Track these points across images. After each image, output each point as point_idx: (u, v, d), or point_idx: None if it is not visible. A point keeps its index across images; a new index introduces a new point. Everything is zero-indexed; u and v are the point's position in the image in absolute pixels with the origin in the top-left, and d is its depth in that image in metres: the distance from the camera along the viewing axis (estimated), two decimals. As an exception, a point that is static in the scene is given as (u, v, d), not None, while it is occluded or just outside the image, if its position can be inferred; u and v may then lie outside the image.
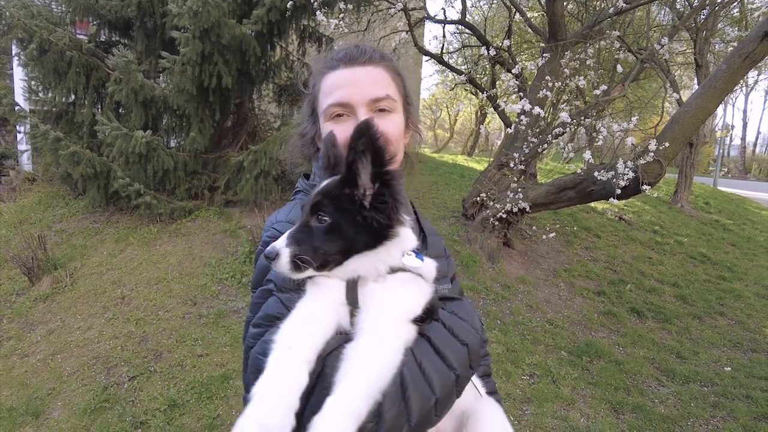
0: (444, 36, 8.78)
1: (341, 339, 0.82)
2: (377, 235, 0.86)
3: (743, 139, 50.77)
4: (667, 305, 5.82)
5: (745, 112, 50.00)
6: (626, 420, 3.61)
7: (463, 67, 11.48)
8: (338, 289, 0.87)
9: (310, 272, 0.84)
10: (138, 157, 5.43)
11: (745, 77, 5.48)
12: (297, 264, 0.82)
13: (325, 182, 0.91)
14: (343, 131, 1.06)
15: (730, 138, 46.20)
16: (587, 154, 4.23)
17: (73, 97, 6.64)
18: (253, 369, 0.86)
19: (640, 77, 7.40)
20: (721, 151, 29.45)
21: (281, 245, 0.83)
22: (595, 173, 4.13)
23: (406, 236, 0.89)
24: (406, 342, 0.81)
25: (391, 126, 1.09)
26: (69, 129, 6.54)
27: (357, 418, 0.70)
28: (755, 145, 57.50)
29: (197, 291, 4.71)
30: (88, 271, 5.14)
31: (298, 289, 0.90)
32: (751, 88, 39.37)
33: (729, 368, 4.51)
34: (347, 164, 0.86)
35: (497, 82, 10.65)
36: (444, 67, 11.33)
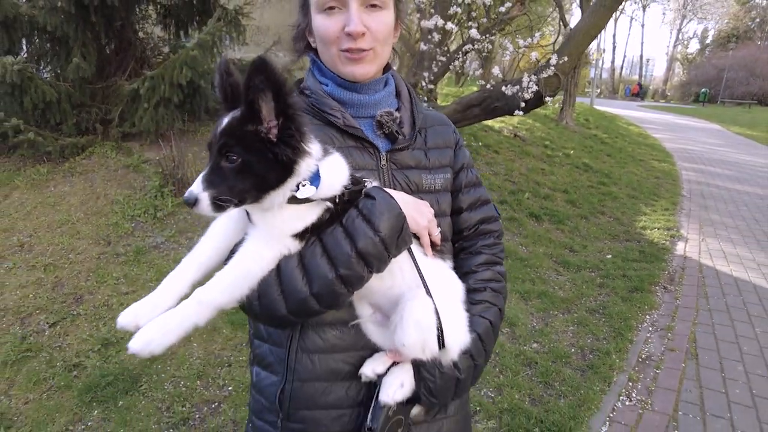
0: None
1: None
2: (287, 168, 0.87)
3: (612, 62, 55.58)
4: (559, 209, 6.59)
5: (614, 37, 54.29)
6: (533, 304, 4.19)
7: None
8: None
9: (231, 209, 0.87)
10: (10, 88, 4.72)
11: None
12: (218, 204, 0.84)
13: (225, 121, 0.87)
14: (333, 24, 1.05)
15: (602, 61, 50.43)
16: (496, 70, 4.48)
17: None
18: None
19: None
20: (596, 73, 32.12)
21: (198, 190, 0.84)
22: (503, 88, 4.43)
23: (306, 167, 0.90)
24: (286, 249, 0.93)
25: (380, 23, 1.07)
26: None
27: (214, 309, 0.89)
28: (621, 68, 63.35)
29: (109, 230, 4.42)
30: (-33, 221, 4.56)
31: None
32: (620, 15, 42.72)
33: (610, 255, 5.33)
34: (247, 102, 0.84)
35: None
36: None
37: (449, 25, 4.27)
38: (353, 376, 1.05)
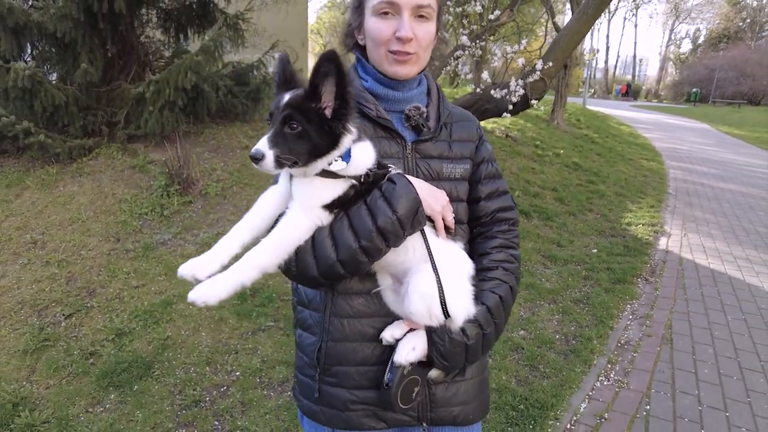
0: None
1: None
2: (334, 141, 1.05)
3: (606, 62, 56.06)
4: (548, 206, 6.84)
5: (607, 37, 54.84)
6: (521, 295, 4.43)
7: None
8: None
9: (287, 169, 1.06)
10: (21, 92, 4.92)
11: (609, 5, 6.23)
12: (280, 162, 1.01)
13: (287, 96, 1.05)
14: (386, 28, 1.20)
15: (596, 61, 50.96)
16: (485, 75, 4.73)
17: None
18: None
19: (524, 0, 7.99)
20: (589, 73, 32.50)
21: (265, 148, 1.01)
22: (492, 91, 4.67)
23: (346, 143, 1.08)
24: (319, 220, 1.10)
25: (425, 32, 1.23)
26: None
27: (258, 270, 1.05)
28: (615, 67, 63.76)
29: (118, 227, 4.63)
30: (-19, 219, 4.75)
31: None
32: (612, 15, 43.20)
33: (595, 250, 5.59)
34: (312, 83, 1.02)
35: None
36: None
37: (442, 34, 4.51)
38: (378, 338, 1.21)
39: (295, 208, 1.10)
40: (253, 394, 3.09)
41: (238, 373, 3.29)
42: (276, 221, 1.13)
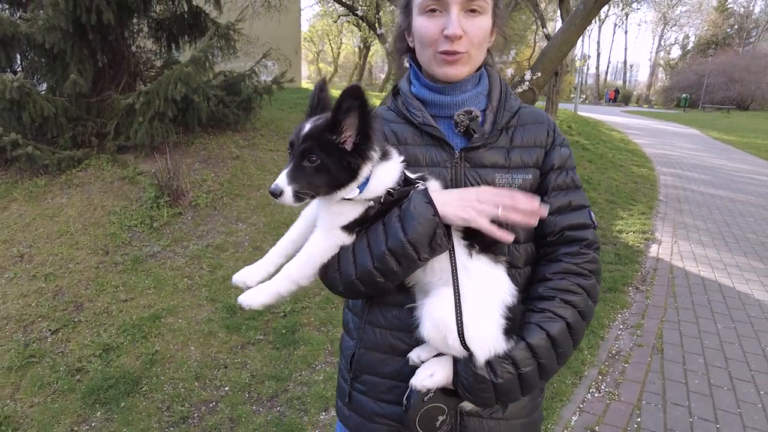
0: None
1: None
2: (354, 173, 1.03)
3: (597, 68, 56.62)
4: (540, 214, 6.84)
5: (598, 43, 55.42)
6: (513, 306, 4.42)
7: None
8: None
9: (307, 200, 1.06)
10: (9, 103, 4.89)
11: (598, 14, 6.32)
12: (299, 197, 1.02)
13: (307, 126, 1.04)
14: (433, 26, 1.12)
15: (587, 67, 51.47)
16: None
17: None
18: None
19: (514, 8, 8.05)
20: (580, 79, 32.78)
21: (284, 184, 1.02)
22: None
23: (366, 172, 1.05)
24: (339, 240, 1.10)
25: (477, 28, 1.13)
26: None
27: (291, 282, 1.10)
28: (606, 73, 64.36)
29: (107, 240, 4.59)
30: (-32, 232, 4.70)
31: None
32: (603, 22, 43.67)
33: (587, 258, 5.59)
34: (334, 116, 1.00)
35: (380, 12, 10.87)
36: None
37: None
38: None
39: (318, 228, 1.14)
40: (242, 410, 3.05)
41: (227, 389, 3.25)
42: None
